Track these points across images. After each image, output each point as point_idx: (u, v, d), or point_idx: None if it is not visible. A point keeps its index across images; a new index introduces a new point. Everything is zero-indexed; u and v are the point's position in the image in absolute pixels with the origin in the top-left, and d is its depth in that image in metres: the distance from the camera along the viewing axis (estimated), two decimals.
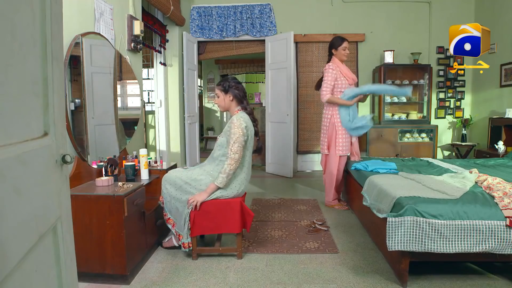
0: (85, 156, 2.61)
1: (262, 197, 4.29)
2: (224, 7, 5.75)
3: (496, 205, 2.10)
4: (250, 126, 2.56)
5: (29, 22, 0.86)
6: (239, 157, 2.44)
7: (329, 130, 3.79)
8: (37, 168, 0.89)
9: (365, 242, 2.85)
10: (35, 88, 0.91)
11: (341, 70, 3.73)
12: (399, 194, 2.24)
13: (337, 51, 3.73)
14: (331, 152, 3.80)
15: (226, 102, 2.61)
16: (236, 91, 2.59)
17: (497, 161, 3.60)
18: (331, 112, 3.76)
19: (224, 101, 2.61)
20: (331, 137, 3.79)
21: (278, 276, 2.31)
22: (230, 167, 2.42)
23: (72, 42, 2.49)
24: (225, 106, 2.63)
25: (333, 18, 5.80)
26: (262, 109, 6.25)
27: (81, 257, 2.11)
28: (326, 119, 3.82)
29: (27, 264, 0.80)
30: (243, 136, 2.44)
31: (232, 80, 2.62)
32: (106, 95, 3.04)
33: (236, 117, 2.51)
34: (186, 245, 2.56)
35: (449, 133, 5.97)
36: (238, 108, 2.61)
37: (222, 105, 2.64)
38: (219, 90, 2.61)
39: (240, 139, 2.43)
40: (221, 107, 2.65)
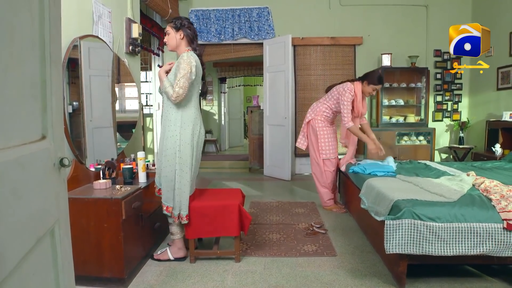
0: (83, 159, 2.60)
1: (260, 200, 4.29)
2: (222, 10, 5.76)
3: (494, 207, 2.10)
4: (199, 66, 2.47)
5: (27, 25, 0.87)
6: (183, 92, 2.30)
7: (308, 134, 3.87)
8: (35, 171, 0.89)
9: (363, 245, 2.85)
10: (33, 91, 0.91)
11: (356, 100, 3.62)
12: (397, 197, 2.25)
13: (368, 87, 3.57)
14: (312, 155, 3.88)
15: (177, 40, 2.46)
16: (189, 30, 2.47)
17: (494, 164, 3.62)
18: (310, 116, 3.85)
19: (174, 39, 2.46)
20: (310, 141, 3.86)
21: (276, 279, 2.30)
22: (173, 97, 2.31)
23: (71, 45, 2.49)
24: (173, 45, 2.48)
25: (331, 21, 5.83)
26: (260, 112, 6.26)
27: (79, 260, 2.10)
28: (305, 123, 3.91)
29: (25, 267, 0.80)
30: (190, 74, 2.33)
31: (185, 19, 2.51)
32: (104, 98, 3.04)
33: (186, 54, 2.40)
34: (185, 218, 2.45)
35: (446, 136, 5.99)
36: (188, 48, 2.49)
37: (172, 43, 2.48)
38: (170, 27, 2.47)
39: (187, 76, 2.31)
40: (170, 45, 2.50)
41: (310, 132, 3.87)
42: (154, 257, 2.62)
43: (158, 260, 2.59)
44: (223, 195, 2.71)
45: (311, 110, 3.91)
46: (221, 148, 9.49)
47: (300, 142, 3.98)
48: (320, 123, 3.79)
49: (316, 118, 3.80)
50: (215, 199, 2.59)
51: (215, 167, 6.84)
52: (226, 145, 9.86)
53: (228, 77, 9.46)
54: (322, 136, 3.78)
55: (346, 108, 3.55)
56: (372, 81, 3.54)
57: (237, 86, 10.46)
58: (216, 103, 9.47)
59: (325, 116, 3.78)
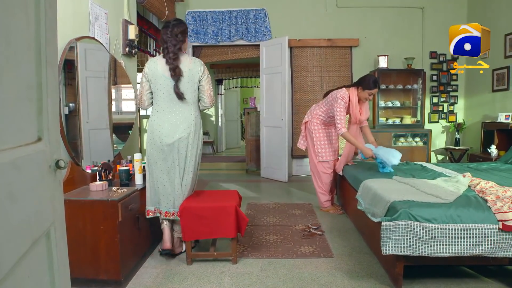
0: (79, 161, 2.59)
1: (257, 201, 4.29)
2: (219, 12, 5.77)
3: (489, 208, 2.12)
4: (152, 70, 2.59)
5: (23, 27, 0.86)
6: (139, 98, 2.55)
7: (306, 135, 3.91)
8: (31, 173, 0.89)
9: (360, 246, 2.85)
10: (29, 93, 0.91)
11: (352, 106, 3.58)
12: (393, 198, 2.25)
13: (363, 92, 3.52)
14: (310, 156, 3.93)
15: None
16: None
17: (490, 165, 3.64)
18: (307, 118, 3.88)
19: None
20: (307, 143, 3.90)
21: (273, 281, 2.30)
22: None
23: (67, 46, 2.49)
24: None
25: (327, 23, 5.85)
26: (257, 113, 6.26)
27: (75, 262, 2.09)
28: (303, 124, 3.95)
29: (20, 270, 0.80)
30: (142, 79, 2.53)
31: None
32: (100, 100, 3.03)
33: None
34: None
35: (442, 137, 6.02)
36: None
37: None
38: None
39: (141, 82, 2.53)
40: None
41: (307, 133, 3.89)
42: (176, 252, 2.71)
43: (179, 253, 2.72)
44: (220, 197, 2.71)
45: (309, 112, 3.93)
46: (218, 150, 9.48)
47: (300, 143, 4.02)
48: (316, 125, 3.80)
49: (312, 121, 3.81)
50: (212, 201, 2.59)
51: (212, 169, 6.84)
52: (223, 146, 9.86)
53: (225, 78, 9.46)
54: (317, 138, 3.79)
55: (338, 114, 3.52)
56: (367, 86, 3.48)
57: (234, 88, 10.47)
58: None
59: (321, 120, 3.79)
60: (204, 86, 2.56)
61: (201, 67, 2.54)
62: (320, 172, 3.83)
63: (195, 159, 2.59)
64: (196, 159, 2.61)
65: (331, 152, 3.82)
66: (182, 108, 2.51)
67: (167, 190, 2.56)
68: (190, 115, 2.52)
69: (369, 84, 3.49)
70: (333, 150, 3.85)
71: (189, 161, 2.56)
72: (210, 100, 2.59)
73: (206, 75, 2.55)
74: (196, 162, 2.62)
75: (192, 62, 2.52)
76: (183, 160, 2.54)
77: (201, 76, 2.53)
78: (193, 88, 2.52)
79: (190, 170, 2.58)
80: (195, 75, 2.51)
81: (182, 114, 2.51)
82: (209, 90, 2.57)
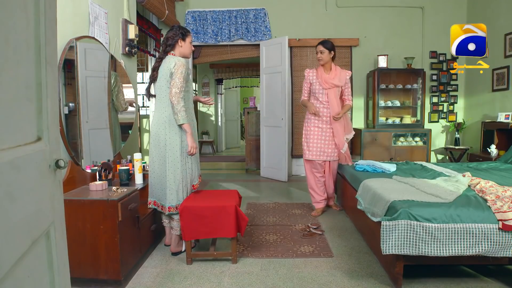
0: (79, 161, 2.59)
1: (257, 201, 4.29)
2: (219, 11, 5.77)
3: (489, 208, 2.12)
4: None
5: (23, 27, 0.86)
6: (180, 91, 2.52)
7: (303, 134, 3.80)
8: (30, 173, 0.88)
9: (359, 246, 2.85)
10: (29, 93, 0.91)
11: (318, 74, 3.58)
12: (393, 197, 2.25)
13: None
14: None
15: None
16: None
17: (490, 165, 3.64)
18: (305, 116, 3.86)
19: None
20: (303, 140, 3.75)
21: (273, 280, 2.30)
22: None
23: (66, 46, 2.49)
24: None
25: (327, 23, 5.85)
26: (257, 113, 6.26)
27: (75, 262, 2.09)
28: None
29: (20, 270, 0.80)
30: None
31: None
32: (100, 99, 3.03)
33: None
34: (174, 209, 2.61)
35: (442, 137, 6.01)
36: (173, 53, 2.68)
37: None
38: None
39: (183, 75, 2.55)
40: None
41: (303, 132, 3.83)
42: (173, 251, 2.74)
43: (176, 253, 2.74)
44: (219, 197, 2.72)
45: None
46: (217, 150, 9.48)
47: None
48: (306, 120, 3.72)
49: (306, 116, 3.77)
50: (211, 201, 2.59)
51: (212, 168, 6.84)
52: (222, 146, 9.85)
53: (225, 78, 9.46)
54: (303, 134, 3.72)
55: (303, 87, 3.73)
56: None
57: (233, 88, 10.47)
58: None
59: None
60: (171, 81, 2.54)
61: (174, 63, 2.55)
62: (309, 173, 3.72)
63: (177, 155, 2.58)
64: (178, 156, 2.59)
65: (313, 150, 3.61)
66: (160, 105, 2.64)
67: (156, 181, 2.69)
68: (164, 112, 2.60)
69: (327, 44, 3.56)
70: (320, 149, 3.60)
71: (169, 155, 2.59)
72: (171, 95, 2.50)
73: (180, 72, 2.52)
74: (180, 159, 2.59)
75: (169, 62, 2.58)
76: (164, 154, 2.61)
77: (172, 71, 2.54)
78: (166, 86, 2.58)
79: (177, 167, 2.60)
80: (167, 72, 2.56)
81: (159, 110, 2.64)
82: (174, 87, 2.50)
